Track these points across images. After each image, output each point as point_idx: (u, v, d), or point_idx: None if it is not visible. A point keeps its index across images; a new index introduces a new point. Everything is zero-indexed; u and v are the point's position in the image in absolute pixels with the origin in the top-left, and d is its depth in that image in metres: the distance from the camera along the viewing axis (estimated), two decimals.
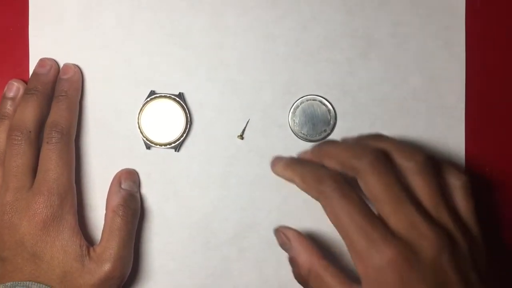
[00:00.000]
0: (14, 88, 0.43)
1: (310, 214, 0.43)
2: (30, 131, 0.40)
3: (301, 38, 0.43)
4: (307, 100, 0.43)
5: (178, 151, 0.43)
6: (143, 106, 0.43)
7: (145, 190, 0.43)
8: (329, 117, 0.43)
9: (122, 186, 0.42)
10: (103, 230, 0.41)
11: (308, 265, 0.36)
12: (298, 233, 0.38)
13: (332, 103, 0.43)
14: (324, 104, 0.43)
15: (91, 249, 0.40)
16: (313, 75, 0.43)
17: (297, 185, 0.37)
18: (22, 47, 0.44)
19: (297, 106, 0.43)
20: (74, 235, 0.39)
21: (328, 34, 0.43)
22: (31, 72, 0.43)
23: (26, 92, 0.42)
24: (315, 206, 0.43)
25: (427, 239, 0.32)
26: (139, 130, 0.43)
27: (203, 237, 0.43)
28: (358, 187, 0.35)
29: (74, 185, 0.41)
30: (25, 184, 0.40)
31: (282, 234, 0.38)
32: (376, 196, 0.34)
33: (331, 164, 0.36)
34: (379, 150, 0.35)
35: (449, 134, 0.43)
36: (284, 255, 0.43)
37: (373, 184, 0.34)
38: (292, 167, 0.37)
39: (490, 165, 0.43)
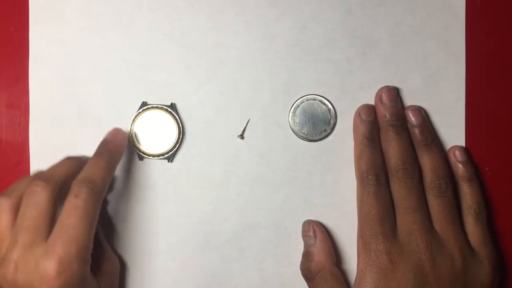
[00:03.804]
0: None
1: (310, 214, 0.43)
2: (55, 182, 0.36)
3: (301, 37, 0.43)
4: (307, 100, 0.43)
5: (171, 162, 0.43)
6: (135, 117, 0.43)
7: (145, 190, 0.43)
8: (329, 117, 0.43)
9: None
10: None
11: (321, 265, 0.40)
12: (326, 235, 0.42)
13: (332, 103, 0.43)
14: (324, 104, 0.43)
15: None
16: (313, 75, 0.43)
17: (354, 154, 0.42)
18: (22, 47, 0.44)
19: (297, 106, 0.43)
20: None
21: (327, 33, 0.43)
22: (31, 72, 0.43)
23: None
24: (315, 206, 0.43)
25: (418, 246, 0.39)
26: (131, 142, 0.43)
27: (203, 237, 0.43)
28: None
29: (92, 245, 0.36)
30: (37, 240, 0.34)
31: (312, 228, 0.42)
32: (395, 198, 0.40)
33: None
34: (413, 162, 0.41)
35: (449, 134, 0.43)
36: (284, 255, 0.43)
37: (396, 188, 0.40)
38: (363, 142, 0.41)
39: (490, 165, 0.43)
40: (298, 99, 0.43)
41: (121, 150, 0.40)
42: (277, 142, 0.43)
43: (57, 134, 0.43)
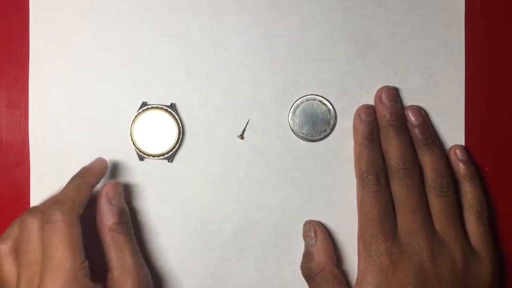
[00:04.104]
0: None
1: (310, 214, 0.43)
2: (42, 212, 0.37)
3: (301, 37, 0.43)
4: (307, 100, 0.43)
5: (171, 162, 0.43)
6: (135, 117, 0.43)
7: (145, 190, 0.43)
8: (329, 117, 0.43)
9: (112, 202, 0.40)
10: (108, 251, 0.38)
11: (322, 265, 0.40)
12: (326, 235, 0.42)
13: (332, 103, 0.43)
14: (324, 104, 0.43)
15: (108, 283, 0.38)
16: (313, 75, 0.43)
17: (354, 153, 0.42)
18: (22, 47, 0.44)
19: (297, 106, 0.43)
20: None
21: (327, 33, 0.43)
22: (31, 72, 0.43)
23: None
24: (315, 206, 0.43)
25: (419, 246, 0.39)
26: (131, 142, 0.43)
27: (203, 237, 0.43)
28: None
29: (84, 263, 0.37)
30: (36, 275, 0.36)
31: (313, 228, 0.42)
32: (396, 198, 0.40)
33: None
34: (414, 161, 0.41)
35: (448, 134, 0.43)
36: (284, 255, 0.43)
37: (396, 188, 0.40)
38: (363, 142, 0.41)
39: (490, 165, 0.43)
40: (298, 99, 0.43)
41: (96, 172, 0.41)
42: (277, 142, 0.43)
43: (57, 134, 0.43)
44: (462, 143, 0.43)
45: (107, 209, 0.39)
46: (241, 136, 0.43)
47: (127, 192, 0.43)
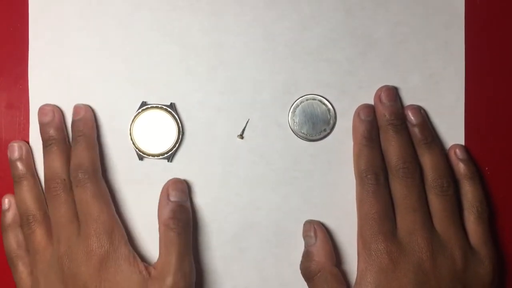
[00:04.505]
0: (16, 148, 0.43)
1: (310, 214, 0.43)
2: (64, 179, 0.41)
3: (300, 37, 0.43)
4: (306, 100, 0.43)
5: (171, 162, 0.43)
6: (134, 117, 0.43)
7: (145, 190, 0.43)
8: (328, 117, 0.43)
9: (171, 198, 0.41)
10: (159, 245, 0.41)
11: (321, 265, 0.40)
12: (326, 235, 0.42)
13: (332, 103, 0.43)
14: (324, 104, 0.43)
15: (152, 268, 0.40)
16: (312, 75, 0.43)
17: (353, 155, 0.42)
18: (22, 47, 0.44)
19: (297, 106, 0.43)
20: (132, 264, 0.40)
21: (327, 33, 0.43)
22: (30, 72, 0.43)
23: (45, 145, 0.42)
24: (315, 206, 0.43)
25: (419, 246, 0.39)
26: (131, 142, 0.43)
27: (203, 237, 0.43)
28: None
29: (117, 217, 0.41)
30: (73, 231, 0.40)
31: (313, 228, 0.42)
32: (396, 197, 0.40)
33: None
34: (414, 161, 0.40)
35: (448, 134, 0.43)
36: (284, 255, 0.43)
37: (396, 187, 0.40)
38: (362, 142, 0.41)
39: (490, 165, 0.43)
40: (298, 99, 0.43)
41: (91, 125, 0.42)
42: (277, 142, 0.43)
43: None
44: (462, 142, 0.43)
45: (164, 204, 0.41)
46: (241, 136, 0.43)
47: (126, 191, 0.43)
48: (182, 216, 0.41)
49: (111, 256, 0.39)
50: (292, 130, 0.43)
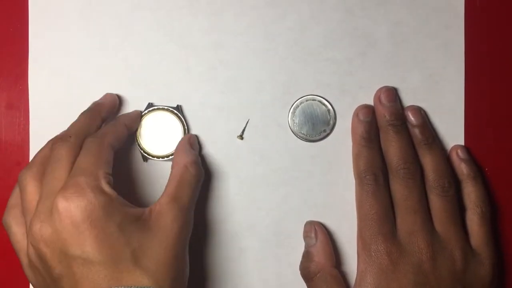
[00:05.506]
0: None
1: (310, 214, 0.43)
2: (70, 136, 0.38)
3: (300, 37, 0.43)
4: (306, 100, 0.43)
5: None
6: (140, 118, 0.43)
7: (149, 191, 0.43)
8: (328, 117, 0.43)
9: (193, 147, 0.41)
10: (169, 183, 0.38)
11: (321, 266, 0.40)
12: (327, 236, 0.42)
13: (332, 103, 0.43)
14: (324, 104, 0.43)
15: (156, 204, 0.37)
16: (312, 75, 0.43)
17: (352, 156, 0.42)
18: (22, 47, 0.44)
19: (297, 106, 0.43)
20: (127, 214, 0.36)
21: (327, 33, 0.43)
22: (30, 72, 0.43)
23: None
24: (315, 206, 0.43)
25: (419, 247, 0.39)
26: (136, 143, 0.43)
27: (203, 237, 0.43)
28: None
29: (108, 177, 0.36)
30: (58, 187, 0.35)
31: (314, 228, 0.42)
32: (396, 198, 0.40)
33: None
34: (415, 161, 0.40)
35: (448, 134, 0.43)
36: (284, 255, 0.43)
37: (397, 188, 0.40)
38: (361, 142, 0.41)
39: (490, 165, 0.43)
40: (298, 99, 0.43)
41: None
42: (277, 142, 0.43)
43: (57, 134, 0.43)
44: (462, 143, 0.43)
45: (187, 149, 0.40)
46: (241, 136, 0.43)
47: (131, 192, 0.43)
48: (201, 170, 0.40)
49: (98, 211, 0.34)
50: (292, 131, 0.43)
